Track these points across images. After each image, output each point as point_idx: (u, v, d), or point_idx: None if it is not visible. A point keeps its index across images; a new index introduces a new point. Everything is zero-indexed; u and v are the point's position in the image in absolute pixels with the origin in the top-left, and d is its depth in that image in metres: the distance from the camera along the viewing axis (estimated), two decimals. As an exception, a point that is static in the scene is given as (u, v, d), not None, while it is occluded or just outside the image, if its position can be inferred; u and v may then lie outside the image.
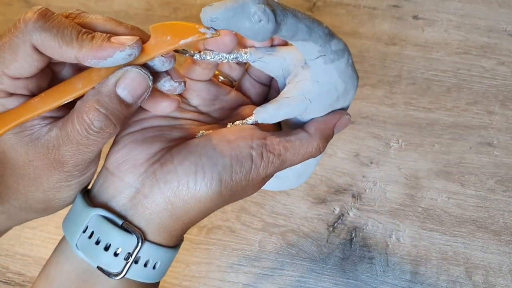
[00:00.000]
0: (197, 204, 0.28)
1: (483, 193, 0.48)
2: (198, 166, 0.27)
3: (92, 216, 0.28)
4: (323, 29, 0.28)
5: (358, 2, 0.61)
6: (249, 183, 0.29)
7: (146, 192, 0.28)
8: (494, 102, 0.53)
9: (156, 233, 0.28)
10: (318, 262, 0.45)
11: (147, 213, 0.28)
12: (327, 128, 0.32)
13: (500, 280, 0.44)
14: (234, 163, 0.28)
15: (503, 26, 0.58)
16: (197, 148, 0.28)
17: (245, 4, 0.24)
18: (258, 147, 0.29)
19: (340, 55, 0.30)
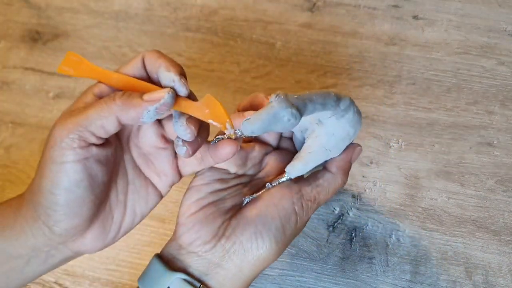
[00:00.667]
0: (261, 263, 0.34)
1: (483, 193, 0.48)
2: (257, 234, 0.34)
3: (174, 279, 0.33)
4: (333, 99, 0.34)
5: (358, 2, 0.61)
6: (298, 230, 0.36)
7: (218, 262, 0.34)
8: (494, 102, 0.53)
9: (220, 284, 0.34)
10: (318, 262, 0.45)
11: (221, 279, 0.34)
12: (346, 164, 0.38)
13: (500, 280, 0.44)
14: (284, 222, 0.35)
15: (503, 26, 0.58)
16: (253, 219, 0.34)
17: (276, 113, 0.31)
18: (298, 200, 0.36)
19: (348, 109, 0.36)
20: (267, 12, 0.61)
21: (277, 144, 0.41)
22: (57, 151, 0.30)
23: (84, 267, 0.46)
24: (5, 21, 0.65)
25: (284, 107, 0.31)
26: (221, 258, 0.34)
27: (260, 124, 0.31)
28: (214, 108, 0.32)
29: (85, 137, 0.30)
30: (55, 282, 0.46)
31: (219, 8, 0.61)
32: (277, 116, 0.31)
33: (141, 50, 0.58)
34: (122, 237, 0.35)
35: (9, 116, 0.57)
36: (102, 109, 0.30)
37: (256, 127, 0.31)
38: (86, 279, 0.46)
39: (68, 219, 0.31)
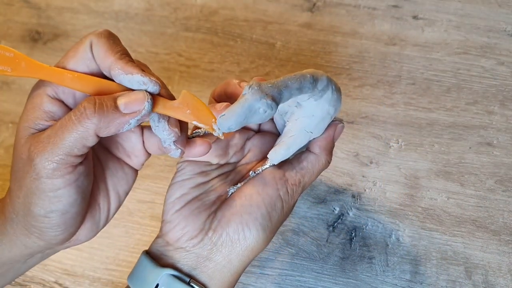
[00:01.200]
0: (250, 253, 0.34)
1: (482, 193, 0.48)
2: (243, 224, 0.33)
3: (163, 275, 0.33)
4: (309, 81, 0.33)
5: (358, 2, 0.61)
6: (286, 216, 0.36)
7: (207, 255, 0.34)
8: (493, 102, 0.53)
9: (218, 286, 0.34)
10: (318, 261, 0.45)
11: (210, 271, 0.33)
12: (328, 143, 0.38)
13: (499, 280, 0.44)
14: (269, 210, 0.34)
15: (503, 26, 0.58)
16: (238, 209, 0.34)
17: (251, 105, 0.30)
18: (282, 186, 0.35)
19: (326, 89, 0.35)
20: (267, 12, 0.61)
21: (258, 128, 0.40)
22: (44, 183, 0.28)
23: (84, 267, 0.46)
24: (5, 21, 0.65)
25: (259, 99, 0.30)
26: (209, 251, 0.34)
27: (236, 119, 0.30)
28: (196, 108, 0.31)
29: (70, 162, 0.28)
30: (55, 281, 0.46)
31: (219, 8, 0.61)
32: (252, 108, 0.30)
33: (141, 50, 0.59)
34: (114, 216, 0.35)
35: (9, 116, 0.57)
36: (78, 130, 0.28)
37: (232, 123, 0.30)
38: (86, 279, 0.46)
39: (64, 232, 0.31)
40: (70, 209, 0.30)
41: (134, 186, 0.50)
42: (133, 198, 0.50)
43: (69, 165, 0.29)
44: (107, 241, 0.47)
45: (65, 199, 0.29)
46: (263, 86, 0.30)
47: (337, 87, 0.36)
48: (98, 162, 0.34)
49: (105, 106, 0.28)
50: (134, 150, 0.34)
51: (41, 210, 0.29)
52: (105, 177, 0.34)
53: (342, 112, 0.53)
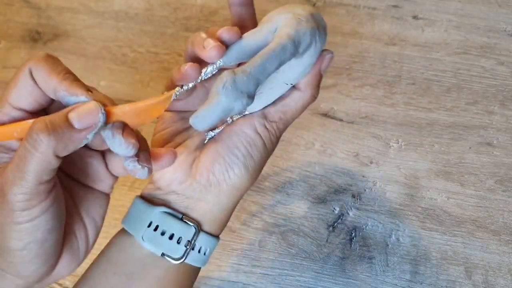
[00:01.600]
0: (237, 191, 0.34)
1: (482, 193, 0.48)
2: (226, 164, 0.34)
3: (156, 212, 0.33)
4: (290, 51, 0.30)
5: (358, 2, 0.61)
6: (269, 152, 0.35)
7: (198, 196, 0.34)
8: (493, 102, 0.53)
9: (210, 224, 0.34)
10: (318, 261, 0.45)
11: (201, 210, 0.34)
12: (314, 77, 0.34)
13: (499, 280, 0.44)
14: (249, 148, 0.34)
15: (503, 26, 0.58)
16: (219, 151, 0.34)
17: (226, 106, 0.27)
18: (260, 124, 0.34)
19: (309, 47, 0.31)
20: (267, 12, 0.61)
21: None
22: (20, 215, 0.27)
23: (84, 267, 0.46)
24: (5, 21, 0.65)
25: (233, 100, 0.27)
26: (199, 193, 0.34)
27: (210, 122, 0.28)
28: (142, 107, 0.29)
29: (42, 189, 0.27)
30: (55, 281, 0.46)
31: (219, 8, 0.61)
32: (227, 109, 0.28)
33: (141, 50, 0.59)
34: (95, 243, 0.35)
35: (9, 116, 0.57)
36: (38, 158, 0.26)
37: (206, 125, 0.28)
38: (86, 279, 0.46)
39: (44, 264, 0.30)
40: (48, 237, 0.29)
41: (134, 187, 0.50)
42: (133, 198, 0.50)
43: (42, 192, 0.28)
44: (107, 241, 0.47)
45: (42, 227, 0.28)
46: (238, 81, 0.28)
47: (322, 31, 0.32)
48: (64, 190, 0.32)
49: (58, 127, 0.27)
50: (98, 175, 0.33)
51: (19, 243, 0.28)
52: (76, 204, 0.33)
53: (342, 112, 0.53)
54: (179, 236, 0.33)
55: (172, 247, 0.33)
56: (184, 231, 0.33)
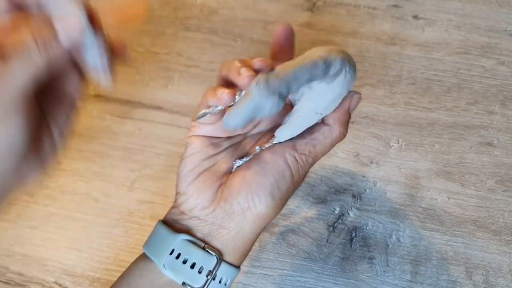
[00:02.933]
0: (261, 220, 0.35)
1: (483, 193, 0.48)
2: (252, 193, 0.34)
3: (178, 240, 0.34)
4: (321, 69, 0.32)
5: (358, 2, 0.61)
6: (296, 185, 0.36)
7: (220, 223, 0.35)
8: (494, 102, 0.53)
9: (232, 254, 0.35)
10: (318, 262, 0.45)
11: (223, 238, 0.34)
12: (343, 114, 0.36)
13: (500, 280, 0.44)
14: (277, 178, 0.34)
15: (503, 26, 0.58)
16: (247, 179, 0.35)
17: (257, 103, 0.29)
18: (291, 156, 0.35)
19: (339, 73, 0.33)
20: (267, 12, 0.61)
21: None
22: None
23: (84, 267, 0.46)
24: (5, 21, 0.64)
25: (265, 97, 0.29)
26: (222, 220, 0.35)
27: (242, 119, 0.30)
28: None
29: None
30: (55, 282, 0.46)
31: (219, 8, 0.61)
32: (259, 106, 0.29)
33: (141, 50, 0.58)
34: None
35: (9, 116, 0.57)
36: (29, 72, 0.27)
37: (238, 121, 0.30)
38: (86, 279, 0.46)
39: (11, 167, 0.30)
40: (17, 140, 0.29)
41: (134, 186, 0.50)
42: (133, 198, 0.50)
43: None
44: (107, 241, 0.47)
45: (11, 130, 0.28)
46: (270, 81, 0.30)
47: (352, 66, 0.35)
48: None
49: (50, 47, 0.27)
50: (67, 74, 0.33)
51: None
52: (43, 111, 0.32)
53: (342, 112, 0.53)
54: (201, 266, 0.34)
55: (193, 276, 0.34)
56: (205, 261, 0.34)
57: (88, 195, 0.50)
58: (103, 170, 0.51)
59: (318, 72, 0.32)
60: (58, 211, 0.49)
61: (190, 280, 0.33)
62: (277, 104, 0.30)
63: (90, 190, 0.50)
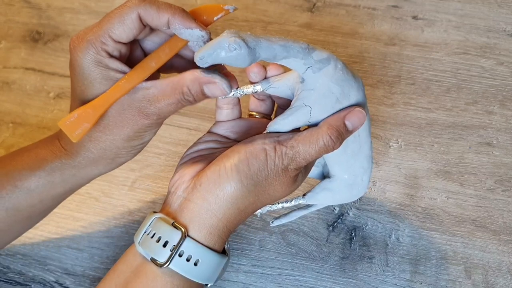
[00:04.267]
0: (224, 195, 0.34)
1: (482, 193, 0.48)
2: (220, 165, 0.35)
3: (153, 219, 0.35)
4: (300, 45, 0.34)
5: (358, 3, 0.61)
6: (269, 174, 0.35)
7: (190, 197, 0.35)
8: (493, 102, 0.53)
9: (197, 230, 0.34)
10: (318, 261, 0.45)
11: (190, 213, 0.34)
12: (336, 121, 0.35)
13: (499, 280, 0.44)
14: (249, 156, 0.34)
15: (502, 26, 0.58)
16: (221, 156, 0.36)
17: (221, 41, 0.32)
18: (271, 142, 0.35)
19: (326, 63, 0.34)
20: (267, 13, 0.61)
21: None
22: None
23: (84, 267, 0.46)
24: (6, 21, 0.65)
25: (229, 36, 0.32)
26: (191, 194, 0.35)
27: (206, 51, 0.32)
28: (204, 11, 0.37)
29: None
30: (56, 281, 0.46)
31: (219, 9, 0.61)
32: (221, 44, 0.32)
33: (142, 50, 0.59)
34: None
35: (9, 116, 0.57)
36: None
37: (203, 53, 0.32)
38: (87, 279, 0.46)
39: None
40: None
41: (134, 186, 0.50)
42: (133, 198, 0.50)
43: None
44: (108, 240, 0.48)
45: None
46: (241, 32, 0.33)
47: (346, 69, 0.35)
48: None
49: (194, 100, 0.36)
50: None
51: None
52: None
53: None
54: (166, 240, 0.34)
55: (159, 250, 0.34)
56: (171, 235, 0.34)
57: (89, 195, 0.50)
58: (103, 170, 0.51)
59: (295, 46, 0.33)
60: (59, 211, 0.49)
61: (156, 255, 0.34)
62: (238, 44, 0.31)
63: (91, 190, 0.50)
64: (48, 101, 0.57)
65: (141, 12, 0.34)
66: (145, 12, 0.34)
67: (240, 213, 0.35)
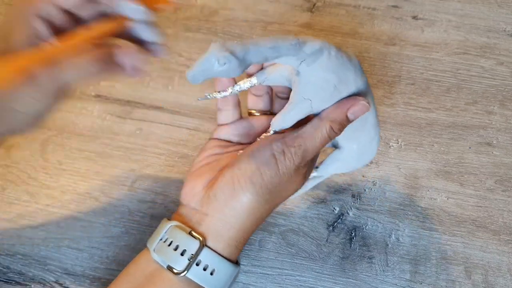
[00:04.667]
0: (243, 207, 0.35)
1: (482, 193, 0.48)
2: (233, 177, 0.35)
3: (169, 227, 0.36)
4: (290, 42, 0.33)
5: (358, 3, 0.61)
6: (282, 177, 0.35)
7: (205, 209, 0.35)
8: (493, 102, 0.53)
9: (215, 240, 0.35)
10: (318, 261, 0.45)
11: (206, 224, 0.35)
12: (336, 111, 0.35)
13: (499, 280, 0.44)
14: (260, 166, 0.34)
15: (502, 26, 0.58)
16: (232, 166, 0.35)
17: (209, 57, 0.31)
18: (278, 146, 0.35)
19: (319, 54, 0.33)
20: (267, 13, 0.61)
21: None
22: None
23: (84, 267, 0.46)
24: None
25: (216, 52, 0.31)
26: (207, 205, 0.35)
27: (196, 69, 0.32)
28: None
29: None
30: (56, 281, 0.46)
31: (219, 9, 0.61)
32: (210, 60, 0.31)
33: (142, 51, 0.59)
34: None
35: (9, 116, 0.57)
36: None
37: (193, 72, 0.32)
38: (87, 279, 0.46)
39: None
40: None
41: (134, 186, 0.50)
42: (133, 198, 0.50)
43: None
44: (107, 240, 0.48)
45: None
46: (227, 42, 0.31)
47: (338, 52, 0.34)
48: None
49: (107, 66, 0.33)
50: None
51: None
52: None
53: (342, 112, 0.53)
54: (184, 249, 0.34)
55: (176, 258, 0.34)
56: (188, 244, 0.34)
57: (89, 195, 0.50)
58: (103, 170, 0.51)
59: (285, 44, 0.32)
60: (59, 211, 0.49)
61: (173, 263, 0.34)
62: (226, 58, 0.31)
63: (91, 190, 0.50)
64: (48, 101, 0.57)
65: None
66: None
67: (257, 221, 0.36)
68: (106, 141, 0.53)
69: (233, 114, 0.40)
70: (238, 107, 0.40)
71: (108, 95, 0.56)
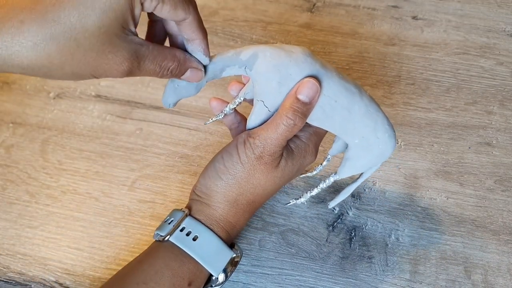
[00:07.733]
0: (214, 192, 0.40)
1: (482, 193, 0.48)
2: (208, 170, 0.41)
3: (177, 213, 0.41)
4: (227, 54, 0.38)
5: (358, 3, 0.61)
6: (245, 166, 0.38)
7: (192, 196, 0.42)
8: (493, 102, 0.53)
9: (198, 214, 0.40)
10: (318, 261, 0.46)
11: (195, 205, 0.41)
12: (288, 99, 0.37)
13: (499, 280, 0.44)
14: (224, 155, 0.39)
15: (502, 27, 0.58)
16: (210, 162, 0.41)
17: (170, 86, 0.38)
18: (242, 138, 0.39)
19: (254, 58, 0.36)
20: (267, 13, 0.61)
21: None
22: None
23: (84, 267, 0.46)
24: (6, 21, 0.65)
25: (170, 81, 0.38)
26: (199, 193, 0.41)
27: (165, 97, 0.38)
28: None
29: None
30: (56, 281, 0.46)
31: (219, 9, 0.61)
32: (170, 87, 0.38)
33: (142, 51, 0.59)
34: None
35: (9, 116, 0.57)
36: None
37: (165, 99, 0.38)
38: (87, 279, 0.46)
39: None
40: None
41: (134, 186, 0.50)
42: (133, 198, 0.50)
43: None
44: (108, 240, 0.48)
45: None
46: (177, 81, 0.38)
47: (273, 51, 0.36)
48: None
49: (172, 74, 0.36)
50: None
51: None
52: None
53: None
54: (171, 219, 0.40)
55: (165, 227, 0.40)
56: (177, 216, 0.40)
57: (89, 195, 0.50)
58: (103, 170, 0.51)
59: (224, 58, 0.37)
60: (59, 211, 0.49)
61: (161, 230, 0.40)
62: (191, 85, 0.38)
63: (91, 190, 0.50)
64: (48, 101, 0.58)
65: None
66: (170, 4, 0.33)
67: (232, 204, 0.40)
68: (106, 141, 0.53)
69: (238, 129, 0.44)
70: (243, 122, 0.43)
71: (108, 95, 0.56)
